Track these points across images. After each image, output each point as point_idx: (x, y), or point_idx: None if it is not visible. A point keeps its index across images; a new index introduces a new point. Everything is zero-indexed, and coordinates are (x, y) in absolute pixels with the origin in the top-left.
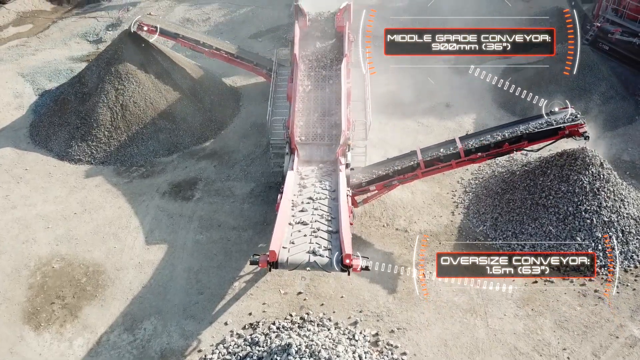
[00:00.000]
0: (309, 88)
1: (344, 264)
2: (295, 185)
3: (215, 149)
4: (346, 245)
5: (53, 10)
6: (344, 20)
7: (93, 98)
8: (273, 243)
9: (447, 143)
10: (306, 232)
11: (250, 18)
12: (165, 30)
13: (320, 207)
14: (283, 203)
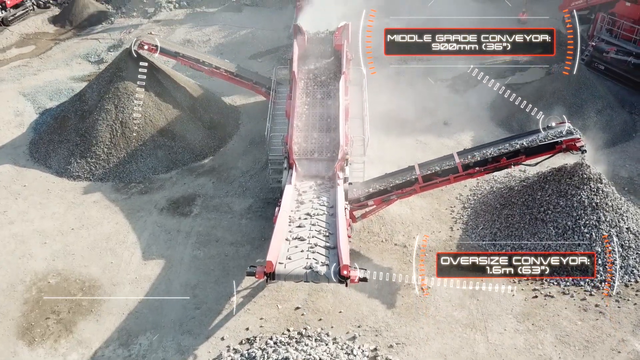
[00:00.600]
0: (307, 105)
1: (342, 275)
2: (293, 201)
3: (214, 165)
4: (344, 256)
5: (56, 33)
6: (342, 38)
7: (93, 115)
8: (270, 254)
9: (445, 158)
10: (303, 248)
11: (250, 39)
12: (166, 49)
13: (318, 223)
14: (280, 216)
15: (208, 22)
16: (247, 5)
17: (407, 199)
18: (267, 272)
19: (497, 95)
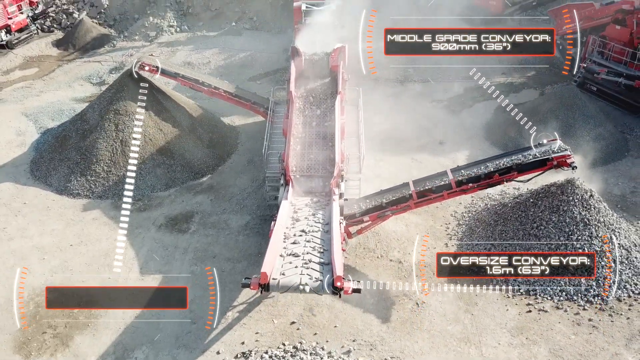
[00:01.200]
0: (304, 123)
1: (335, 286)
2: (289, 217)
3: (212, 183)
4: (337, 267)
5: (59, 55)
6: (338, 60)
7: (93, 134)
8: (264, 265)
9: (439, 175)
10: (297, 264)
11: (250, 62)
12: (166, 70)
13: (313, 240)
14: (276, 229)
15: (208, 45)
16: (246, 29)
17: (402, 216)
18: (261, 283)
19: (492, 116)
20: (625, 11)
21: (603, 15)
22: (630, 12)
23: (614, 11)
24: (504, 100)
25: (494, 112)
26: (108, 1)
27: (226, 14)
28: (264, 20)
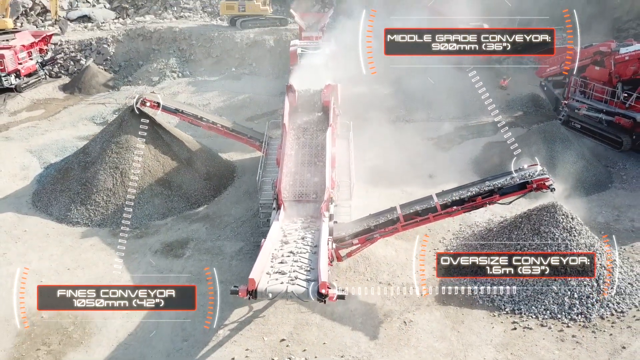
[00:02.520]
0: (297, 152)
1: (320, 293)
2: (278, 240)
3: (208, 213)
4: (322, 274)
5: (65, 99)
6: (329, 95)
7: (95, 166)
8: (252, 272)
9: (425, 199)
10: (283, 280)
11: (248, 103)
12: (167, 105)
13: (301, 260)
14: (266, 244)
15: (209, 88)
16: (245, 74)
17: (391, 242)
18: (249, 289)
19: (481, 152)
20: (603, 53)
21: (582, 57)
22: (607, 53)
23: (592, 53)
24: (497, 115)
25: (482, 148)
26: (114, 49)
27: (226, 60)
28: (262, 66)
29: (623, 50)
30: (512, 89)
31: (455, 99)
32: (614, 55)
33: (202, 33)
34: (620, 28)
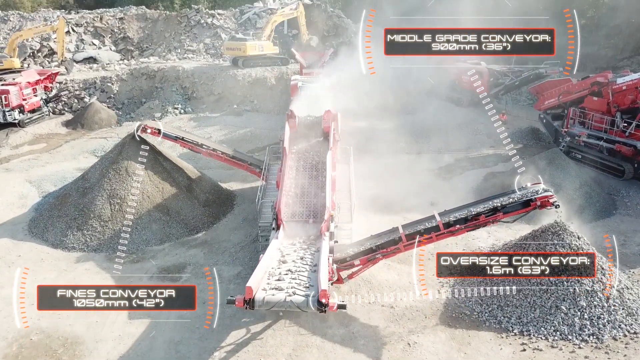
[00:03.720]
0: (297, 174)
1: (320, 302)
2: (276, 260)
3: (207, 239)
4: (322, 282)
5: (67, 134)
6: (329, 121)
7: (93, 192)
8: (250, 281)
9: (427, 218)
10: (280, 297)
11: (249, 137)
12: (168, 132)
13: (299, 277)
14: (264, 258)
15: (210, 124)
16: (247, 110)
17: (394, 266)
18: (246, 298)
19: (482, 181)
20: (601, 83)
21: (580, 88)
22: (605, 84)
23: (590, 84)
24: (503, 132)
25: (484, 177)
26: (118, 87)
27: (228, 98)
28: (263, 103)
29: (620, 80)
30: (511, 123)
31: (454, 132)
32: (612, 85)
33: (205, 72)
34: (615, 66)
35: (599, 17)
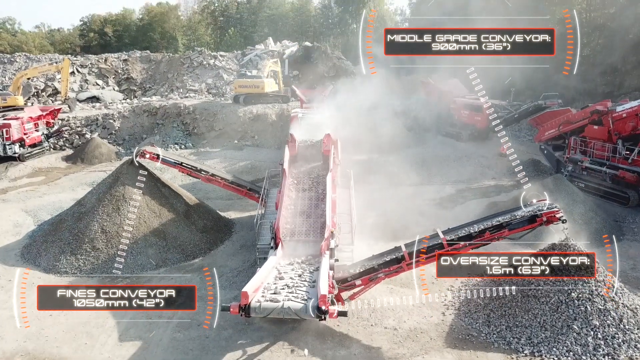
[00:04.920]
0: (296, 195)
1: (320, 308)
2: (272, 277)
3: (204, 264)
4: (322, 288)
5: (67, 167)
6: (329, 145)
7: (88, 216)
8: (246, 286)
9: (431, 237)
10: (277, 304)
11: (249, 169)
12: (167, 158)
13: (297, 291)
14: (261, 270)
15: (210, 157)
16: (247, 145)
17: (396, 289)
18: (242, 305)
19: (484, 209)
20: (601, 112)
21: (580, 118)
22: (605, 112)
23: (590, 113)
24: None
25: (486, 207)
26: (119, 124)
27: (229, 133)
28: (264, 138)
29: (620, 108)
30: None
31: (455, 165)
32: (612, 113)
33: (206, 108)
34: (613, 102)
35: (594, 55)
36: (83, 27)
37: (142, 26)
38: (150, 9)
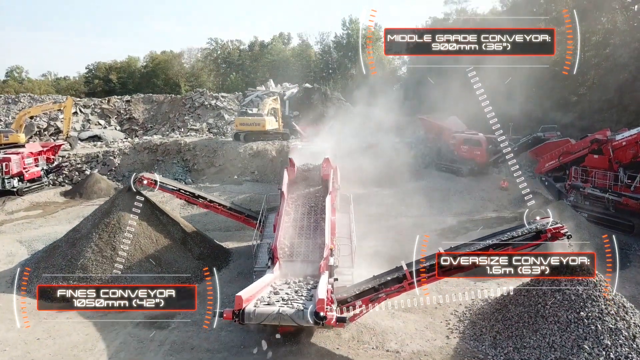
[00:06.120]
0: (295, 217)
1: (317, 314)
2: (267, 292)
3: (199, 290)
4: (321, 293)
5: (65, 202)
6: (328, 169)
7: (83, 242)
8: (241, 292)
9: (432, 256)
10: (273, 309)
11: (249, 202)
12: (164, 184)
13: (292, 303)
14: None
15: (210, 191)
16: (247, 180)
17: (399, 314)
18: (236, 310)
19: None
20: (600, 141)
21: (580, 148)
22: (605, 141)
23: (589, 142)
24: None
25: None
26: (120, 160)
27: (229, 169)
28: (264, 174)
29: (619, 136)
30: (512, 189)
31: (456, 198)
32: (611, 142)
33: (206, 145)
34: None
35: (590, 93)
36: (88, 75)
37: (146, 73)
38: (155, 57)
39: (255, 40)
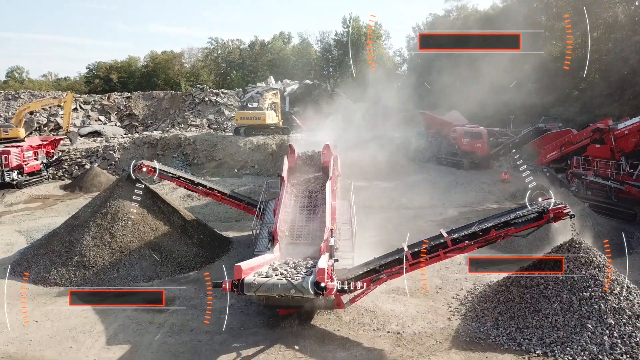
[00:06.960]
0: (295, 202)
1: (318, 284)
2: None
3: (199, 277)
4: (322, 263)
5: (64, 195)
6: (329, 155)
7: (82, 228)
8: (241, 263)
9: (434, 237)
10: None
11: (249, 193)
12: (164, 171)
13: (292, 276)
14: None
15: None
16: (247, 174)
17: (400, 298)
18: (235, 280)
19: None
20: (602, 130)
21: (582, 138)
22: (606, 130)
23: (591, 132)
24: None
25: None
26: (119, 155)
27: (229, 163)
28: (264, 168)
29: (621, 125)
30: (513, 182)
31: (456, 190)
32: (613, 131)
33: (206, 139)
34: None
35: (592, 88)
36: (89, 74)
37: (147, 72)
38: (155, 56)
39: (256, 40)
